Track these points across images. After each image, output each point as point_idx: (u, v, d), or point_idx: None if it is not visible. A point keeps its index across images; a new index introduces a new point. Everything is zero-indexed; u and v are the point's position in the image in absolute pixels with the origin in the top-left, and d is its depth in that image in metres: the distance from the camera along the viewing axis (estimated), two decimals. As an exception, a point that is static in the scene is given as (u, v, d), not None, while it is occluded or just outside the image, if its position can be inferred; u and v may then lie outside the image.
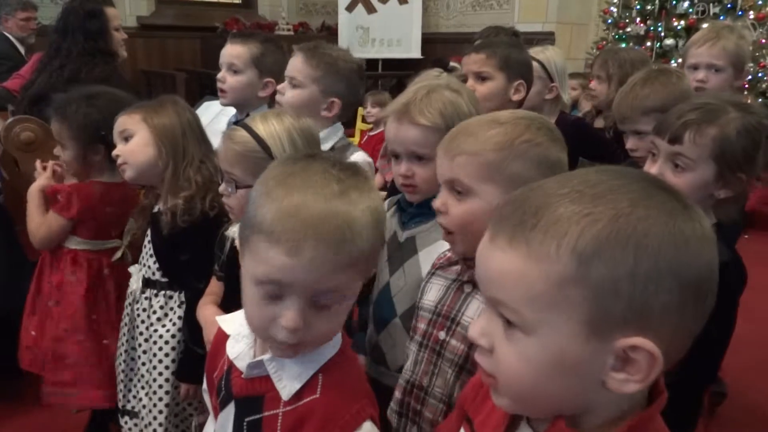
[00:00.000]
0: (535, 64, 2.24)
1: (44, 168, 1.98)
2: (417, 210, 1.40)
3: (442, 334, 1.16)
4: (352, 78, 1.86)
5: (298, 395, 0.88)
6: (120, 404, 1.80)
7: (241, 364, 0.94)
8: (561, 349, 0.61)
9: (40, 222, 1.89)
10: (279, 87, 1.88)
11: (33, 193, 1.93)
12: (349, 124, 5.87)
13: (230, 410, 0.95)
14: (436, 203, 1.13)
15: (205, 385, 1.09)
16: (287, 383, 0.89)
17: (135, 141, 1.66)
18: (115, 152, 1.69)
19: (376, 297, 1.46)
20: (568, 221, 0.59)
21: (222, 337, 1.02)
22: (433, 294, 1.20)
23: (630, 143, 1.73)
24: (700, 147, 1.31)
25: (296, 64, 1.82)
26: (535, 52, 2.32)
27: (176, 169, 1.65)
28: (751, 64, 4.44)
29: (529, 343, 0.62)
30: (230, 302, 1.48)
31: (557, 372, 0.62)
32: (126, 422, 1.78)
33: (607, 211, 0.59)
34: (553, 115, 2.31)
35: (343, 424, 0.86)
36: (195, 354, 1.58)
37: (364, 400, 0.89)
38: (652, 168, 1.39)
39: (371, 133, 4.62)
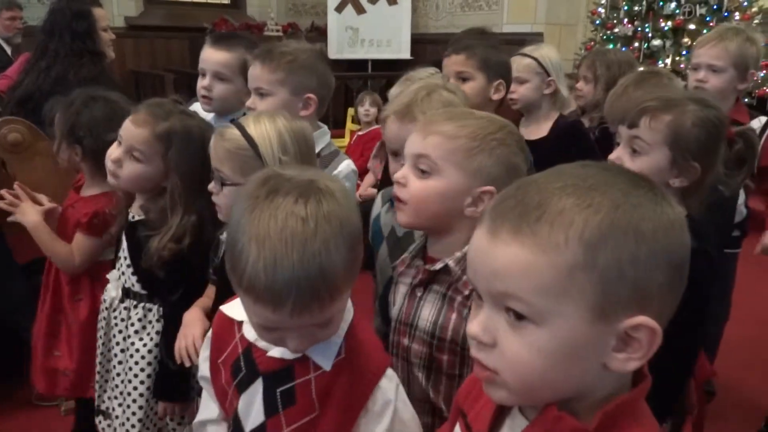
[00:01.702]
0: (531, 61, 2.30)
1: (15, 197, 1.88)
2: None
3: (405, 341, 1.22)
4: (318, 67, 1.76)
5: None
6: (96, 403, 1.78)
7: (264, 344, 1.00)
8: (570, 335, 0.63)
9: (68, 250, 1.82)
10: (248, 103, 1.76)
11: (39, 227, 1.83)
12: (339, 125, 5.89)
13: (257, 386, 1.01)
14: (397, 175, 1.18)
15: (205, 373, 1.13)
16: (326, 355, 0.98)
17: (144, 171, 1.56)
18: (113, 156, 1.58)
19: (382, 291, 1.48)
20: (571, 212, 0.62)
21: (226, 323, 1.08)
22: (397, 303, 1.25)
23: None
24: (655, 132, 1.37)
25: (257, 74, 1.72)
26: (529, 50, 2.36)
27: (184, 214, 1.54)
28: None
29: (540, 333, 0.63)
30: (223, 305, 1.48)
31: (565, 359, 0.64)
32: (100, 422, 1.76)
33: (605, 202, 0.62)
34: (553, 112, 2.34)
35: (369, 376, 0.98)
36: (170, 370, 1.54)
37: (382, 352, 1.03)
38: (613, 154, 1.44)
39: (360, 133, 4.62)
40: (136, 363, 1.63)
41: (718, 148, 1.40)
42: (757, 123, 2.15)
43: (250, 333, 1.03)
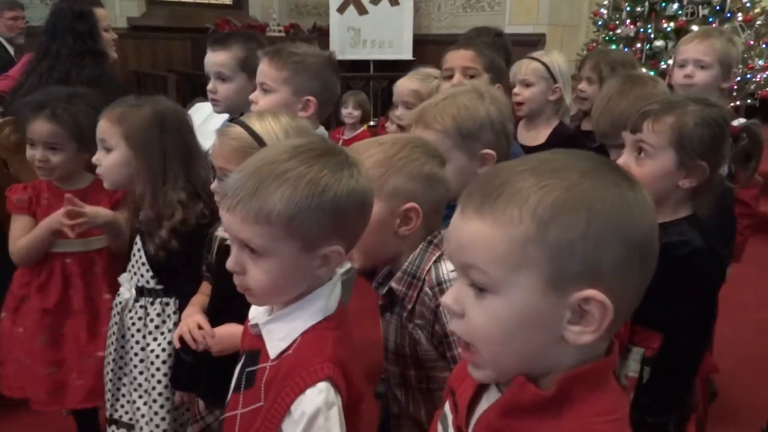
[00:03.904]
0: (539, 65, 2.29)
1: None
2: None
3: (386, 365, 1.26)
4: (324, 72, 1.79)
5: (281, 353, 1.00)
6: (108, 413, 1.78)
7: (252, 323, 1.06)
8: (525, 305, 0.68)
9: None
10: (251, 96, 1.81)
11: (115, 215, 1.83)
12: (340, 125, 5.88)
13: (241, 362, 1.09)
14: None
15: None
16: (275, 343, 1.01)
17: (114, 158, 1.63)
18: (94, 159, 1.67)
19: None
20: (528, 191, 0.67)
21: None
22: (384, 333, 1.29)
23: (613, 156, 1.73)
24: (659, 134, 1.37)
25: (263, 69, 1.76)
26: (539, 54, 2.37)
27: (155, 194, 1.61)
28: (740, 66, 4.48)
29: (497, 302, 0.69)
30: (217, 303, 1.49)
31: (522, 328, 0.69)
32: (114, 431, 1.76)
33: (562, 182, 0.67)
34: (553, 119, 2.33)
35: (299, 378, 0.95)
36: (183, 362, 1.57)
37: (327, 363, 0.96)
38: (619, 160, 1.43)
39: (345, 137, 4.33)
40: (157, 357, 1.66)
41: (723, 146, 1.40)
42: (736, 123, 2.15)
43: (252, 311, 1.08)
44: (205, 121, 2.44)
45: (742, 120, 2.17)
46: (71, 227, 1.73)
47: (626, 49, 4.86)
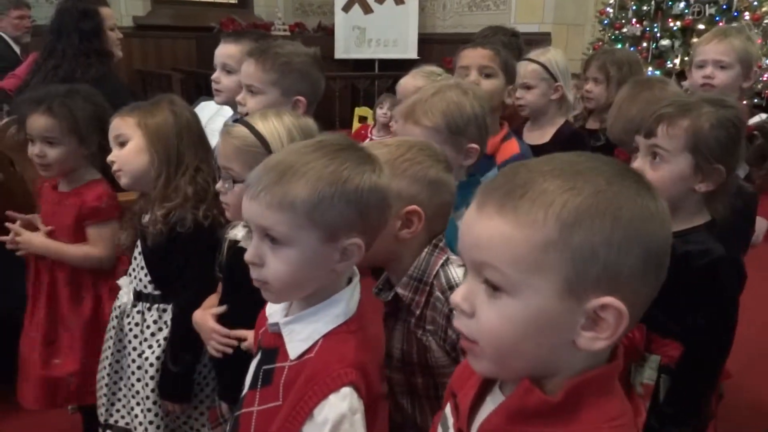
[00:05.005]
0: (537, 66, 2.27)
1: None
2: None
3: (388, 372, 1.24)
4: (311, 72, 1.79)
5: (302, 354, 1.00)
6: (102, 419, 1.77)
7: (271, 320, 1.05)
8: (540, 308, 0.67)
9: (90, 248, 1.84)
10: (239, 98, 1.81)
11: (48, 244, 1.87)
12: (345, 124, 5.88)
13: (257, 358, 1.08)
14: None
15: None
16: (296, 344, 1.00)
17: (129, 147, 1.63)
18: (110, 158, 1.66)
19: None
20: (554, 193, 0.66)
21: None
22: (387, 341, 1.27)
23: (632, 162, 1.72)
24: (674, 138, 1.33)
25: (249, 71, 1.75)
26: (535, 54, 2.33)
27: (168, 179, 1.61)
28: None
29: (513, 303, 0.68)
30: (227, 303, 1.48)
31: (535, 330, 0.68)
32: None
33: (588, 186, 0.66)
34: (559, 118, 2.32)
35: (322, 383, 0.94)
36: (170, 371, 1.57)
37: (350, 368, 0.95)
38: (633, 164, 1.41)
39: (373, 137, 4.44)
40: (151, 365, 1.64)
41: (739, 148, 1.38)
42: (757, 119, 2.12)
43: (269, 309, 1.08)
44: (210, 119, 2.44)
45: (764, 115, 2.15)
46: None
47: (632, 48, 4.84)
